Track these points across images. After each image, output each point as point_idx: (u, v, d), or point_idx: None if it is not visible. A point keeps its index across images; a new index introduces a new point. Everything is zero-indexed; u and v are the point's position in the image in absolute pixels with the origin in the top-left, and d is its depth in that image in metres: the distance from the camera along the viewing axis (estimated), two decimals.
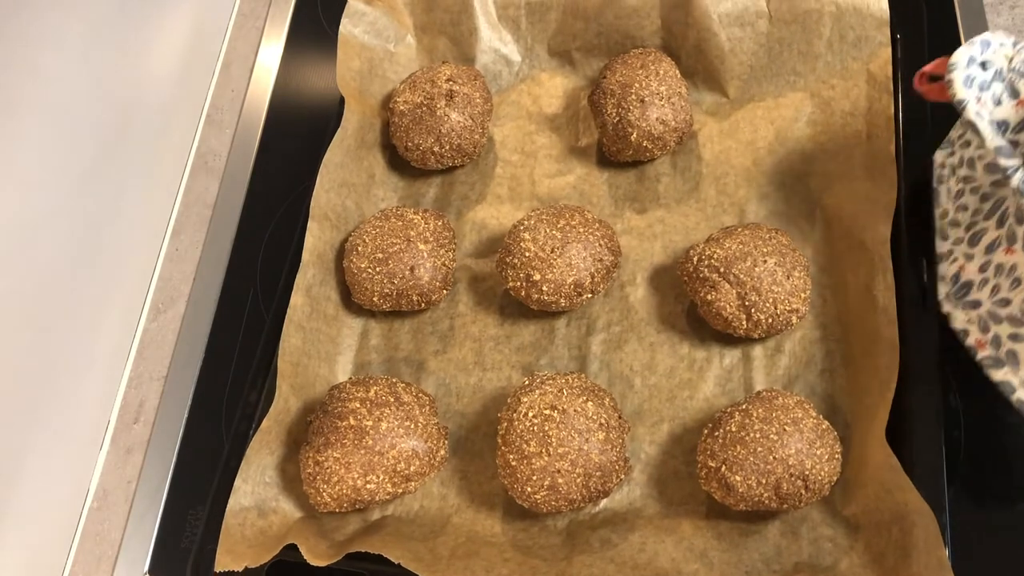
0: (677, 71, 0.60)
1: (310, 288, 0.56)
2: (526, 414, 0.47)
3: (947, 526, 0.46)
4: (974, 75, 0.42)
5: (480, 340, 0.57)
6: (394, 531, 0.50)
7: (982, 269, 0.47)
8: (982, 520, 0.50)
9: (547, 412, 0.47)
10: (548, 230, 0.53)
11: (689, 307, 0.56)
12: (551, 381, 0.49)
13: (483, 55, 0.66)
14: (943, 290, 0.50)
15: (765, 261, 0.50)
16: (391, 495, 0.49)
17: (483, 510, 0.51)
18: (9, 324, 0.51)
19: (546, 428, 0.46)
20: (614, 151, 0.60)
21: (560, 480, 0.46)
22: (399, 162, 0.64)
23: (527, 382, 0.50)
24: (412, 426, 0.49)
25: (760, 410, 0.47)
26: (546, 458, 0.46)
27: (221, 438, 0.58)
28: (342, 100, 0.62)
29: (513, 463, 0.47)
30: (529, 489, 0.46)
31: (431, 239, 0.57)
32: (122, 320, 0.63)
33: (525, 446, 0.46)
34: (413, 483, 0.50)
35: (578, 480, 0.46)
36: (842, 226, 0.55)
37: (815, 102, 0.60)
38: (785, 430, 0.45)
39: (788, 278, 0.50)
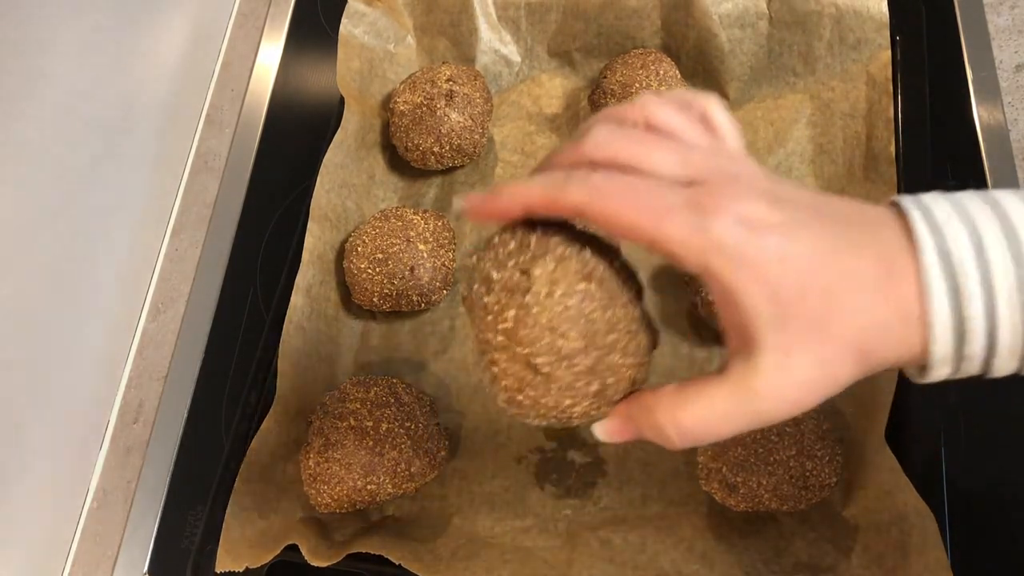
0: (677, 72, 0.60)
1: (310, 288, 0.56)
2: (551, 293, 0.31)
3: (946, 527, 0.46)
4: None
5: None
6: (395, 532, 0.50)
7: None
8: (982, 521, 0.50)
9: (582, 286, 0.31)
10: None
11: (689, 307, 0.56)
12: (556, 235, 0.32)
13: (483, 56, 0.66)
14: None
15: None
16: (391, 496, 0.49)
17: (483, 511, 0.51)
18: (8, 324, 0.51)
19: (586, 309, 0.31)
20: None
21: (610, 379, 0.32)
22: (399, 162, 0.64)
23: (506, 245, 0.33)
24: (412, 427, 0.50)
25: None
26: (594, 353, 0.31)
27: (221, 438, 0.57)
28: (342, 100, 0.62)
29: (546, 368, 0.31)
30: (568, 401, 0.32)
31: (431, 239, 0.57)
32: (122, 320, 0.63)
33: (562, 341, 0.31)
34: (413, 484, 0.50)
35: (628, 373, 0.32)
36: None
37: (815, 104, 0.60)
38: (786, 431, 0.45)
39: None
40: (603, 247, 0.33)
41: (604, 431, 0.34)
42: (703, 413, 0.30)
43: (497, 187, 0.33)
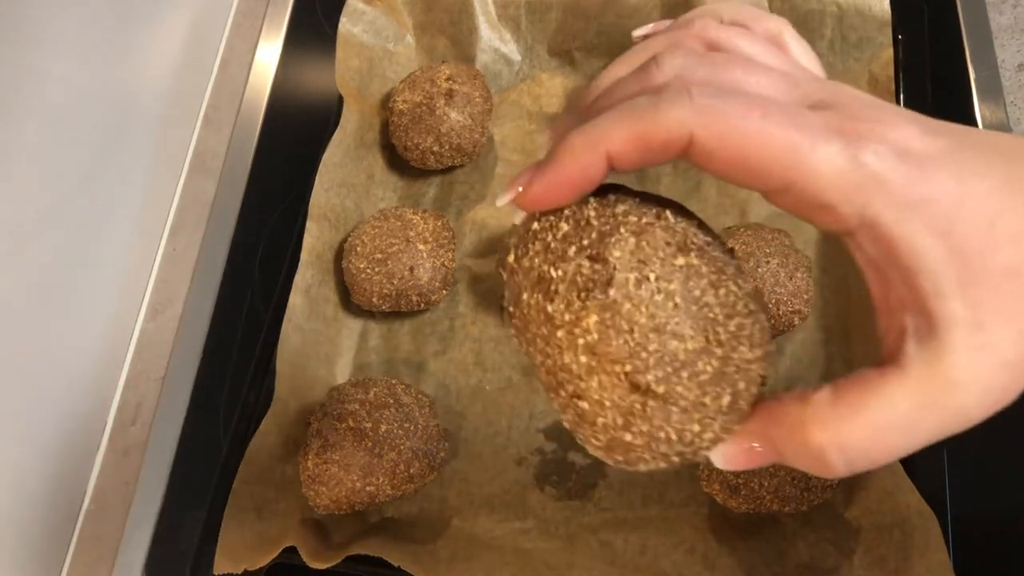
0: None
1: (309, 289, 0.56)
2: (643, 279, 0.22)
3: (948, 528, 0.46)
4: None
5: (480, 341, 0.57)
6: (394, 533, 0.50)
7: None
8: (983, 522, 0.50)
9: (682, 261, 0.23)
10: None
11: None
12: (617, 200, 0.24)
13: (483, 54, 0.65)
14: None
15: (768, 262, 0.50)
16: (390, 497, 0.49)
17: (483, 513, 0.51)
18: (5, 324, 0.51)
19: (695, 291, 0.23)
20: None
21: (741, 384, 0.23)
22: (398, 162, 0.64)
23: (554, 229, 0.24)
24: (411, 428, 0.49)
25: None
26: (718, 350, 0.23)
27: (219, 439, 0.57)
28: (341, 99, 0.61)
29: (660, 386, 0.22)
30: (695, 427, 0.23)
31: (430, 239, 0.56)
32: (119, 320, 0.63)
33: (676, 342, 0.22)
34: (413, 485, 0.49)
35: (757, 371, 0.24)
36: None
37: None
38: None
39: (791, 279, 0.50)
40: (669, 204, 0.25)
41: (727, 457, 0.24)
42: (880, 424, 0.22)
43: (558, 150, 0.23)
